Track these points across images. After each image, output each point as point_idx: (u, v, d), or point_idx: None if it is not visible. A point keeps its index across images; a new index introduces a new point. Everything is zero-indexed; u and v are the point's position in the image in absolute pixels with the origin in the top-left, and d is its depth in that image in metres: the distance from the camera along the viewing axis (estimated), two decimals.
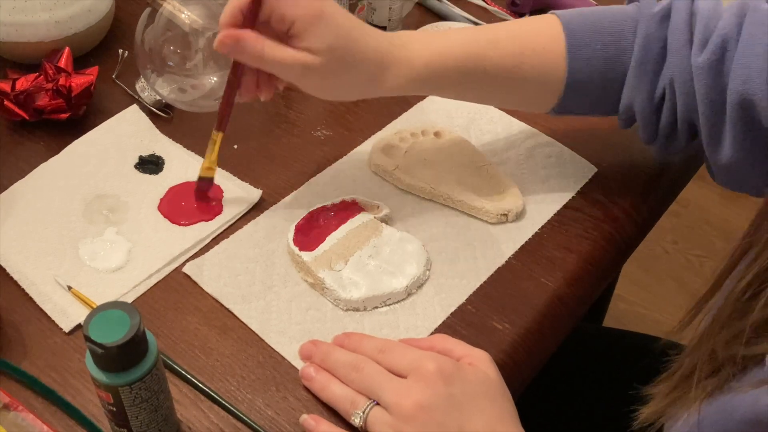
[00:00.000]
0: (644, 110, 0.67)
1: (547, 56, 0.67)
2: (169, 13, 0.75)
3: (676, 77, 0.64)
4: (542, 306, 0.67)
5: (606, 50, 0.66)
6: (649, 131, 0.69)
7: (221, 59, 0.77)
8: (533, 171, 0.77)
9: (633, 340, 0.96)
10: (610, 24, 0.67)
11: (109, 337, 0.47)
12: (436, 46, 0.65)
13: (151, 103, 0.81)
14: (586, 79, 0.67)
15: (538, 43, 0.67)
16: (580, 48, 0.67)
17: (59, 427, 0.58)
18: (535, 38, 0.67)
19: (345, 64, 0.62)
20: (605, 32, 0.67)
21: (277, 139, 0.80)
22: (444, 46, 0.66)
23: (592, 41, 0.67)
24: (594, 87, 0.68)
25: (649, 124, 0.68)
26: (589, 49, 0.67)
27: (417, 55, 0.65)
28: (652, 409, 0.57)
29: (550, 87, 0.68)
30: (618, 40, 0.66)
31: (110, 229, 0.70)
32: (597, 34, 0.67)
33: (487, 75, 0.67)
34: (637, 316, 1.68)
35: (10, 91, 0.77)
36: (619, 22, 0.67)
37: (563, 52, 0.67)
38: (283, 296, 0.66)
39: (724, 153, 0.64)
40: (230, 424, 0.58)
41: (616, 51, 0.66)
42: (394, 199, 0.74)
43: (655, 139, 0.69)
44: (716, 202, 1.84)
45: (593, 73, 0.67)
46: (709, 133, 0.64)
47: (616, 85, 0.68)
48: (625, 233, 0.74)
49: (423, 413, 0.54)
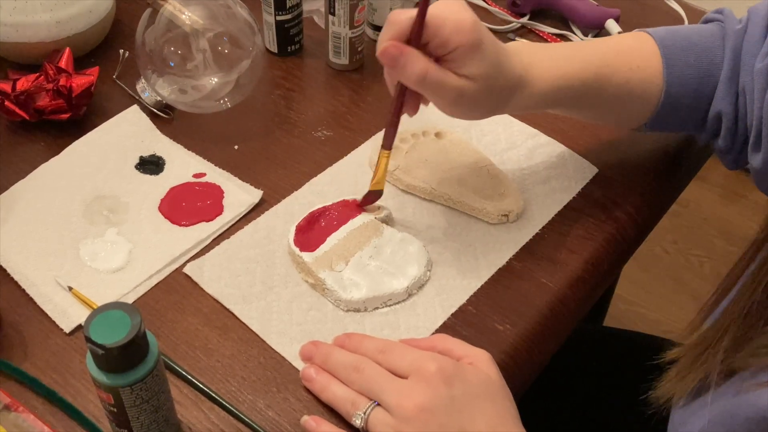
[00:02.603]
0: (729, 119, 0.68)
1: (648, 72, 0.69)
2: (170, 14, 0.75)
3: (746, 84, 0.66)
4: (543, 307, 0.67)
5: (699, 66, 0.68)
6: (728, 140, 0.70)
7: (222, 61, 0.77)
8: (534, 171, 0.77)
9: (633, 340, 0.96)
10: (700, 40, 0.69)
11: (110, 338, 0.47)
12: (560, 66, 0.66)
13: (151, 104, 0.81)
14: (680, 95, 0.69)
15: (640, 60, 0.69)
16: (675, 63, 0.68)
17: (60, 428, 0.58)
18: (637, 55, 0.69)
19: (493, 90, 0.62)
20: (697, 48, 0.69)
21: (278, 139, 0.80)
22: (566, 65, 0.67)
23: (685, 57, 0.68)
24: (687, 102, 0.69)
25: (730, 132, 0.69)
26: (683, 64, 0.68)
27: (542, 78, 0.66)
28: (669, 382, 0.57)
29: (649, 102, 0.70)
30: (710, 55, 0.68)
31: (111, 230, 0.70)
32: (689, 50, 0.69)
33: (602, 92, 0.68)
34: (637, 316, 1.68)
35: (10, 92, 0.77)
36: (707, 38, 0.69)
37: (660, 67, 0.68)
38: (284, 297, 0.66)
39: (757, 159, 0.65)
40: (231, 425, 0.58)
41: (708, 66, 0.68)
42: (394, 200, 0.74)
43: (732, 147, 0.70)
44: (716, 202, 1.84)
45: (687, 88, 0.69)
46: (754, 137, 0.66)
47: (706, 101, 0.69)
48: (626, 234, 0.74)
49: (424, 414, 0.54)
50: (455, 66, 0.60)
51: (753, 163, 0.66)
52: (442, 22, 0.59)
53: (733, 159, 0.71)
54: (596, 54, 0.68)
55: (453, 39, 0.59)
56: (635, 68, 0.68)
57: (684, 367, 0.57)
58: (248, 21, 0.78)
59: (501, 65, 0.62)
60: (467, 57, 0.60)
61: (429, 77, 0.60)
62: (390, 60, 0.60)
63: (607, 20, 0.93)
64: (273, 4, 0.85)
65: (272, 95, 0.85)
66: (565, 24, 0.96)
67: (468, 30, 0.59)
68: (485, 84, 0.61)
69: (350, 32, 0.85)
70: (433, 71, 0.60)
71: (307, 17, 0.91)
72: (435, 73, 0.60)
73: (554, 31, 0.95)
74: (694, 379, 0.56)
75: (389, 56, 0.60)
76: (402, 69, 0.60)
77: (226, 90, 0.79)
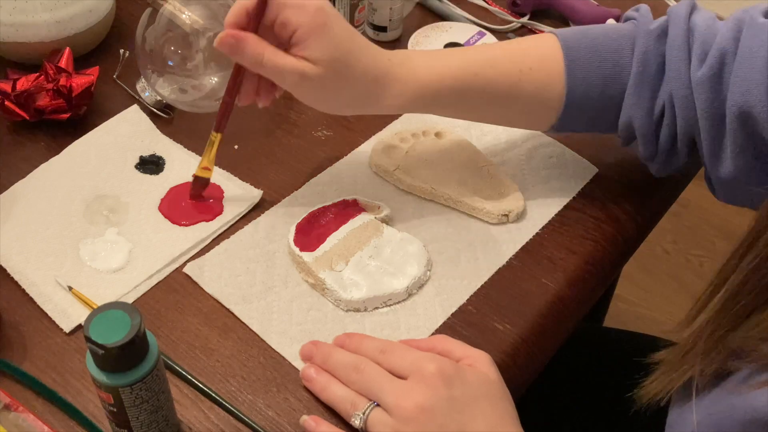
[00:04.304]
0: (643, 127, 0.67)
1: (545, 74, 0.67)
2: (170, 14, 0.75)
3: (675, 92, 0.64)
4: (543, 307, 0.67)
5: (604, 67, 0.67)
6: (649, 148, 0.68)
7: (222, 60, 0.77)
8: (534, 171, 0.77)
9: (633, 340, 0.96)
10: (607, 41, 0.67)
11: (110, 338, 0.47)
12: (434, 66, 0.66)
13: (151, 104, 0.81)
14: (585, 97, 0.67)
15: (535, 62, 0.67)
16: (577, 65, 0.67)
17: (60, 428, 0.58)
18: (533, 56, 0.68)
19: (343, 77, 0.62)
20: (603, 49, 0.67)
21: (278, 139, 0.80)
22: (442, 65, 0.66)
23: (589, 59, 0.67)
24: (593, 105, 0.68)
25: (649, 141, 0.68)
26: (586, 66, 0.67)
27: (415, 75, 0.65)
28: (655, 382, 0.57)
29: (549, 105, 0.69)
30: (616, 57, 0.67)
31: (111, 230, 0.70)
32: (595, 51, 0.67)
33: (485, 93, 0.67)
34: (637, 316, 1.68)
35: (10, 92, 0.77)
36: (616, 39, 0.67)
37: (561, 70, 0.67)
38: (284, 297, 0.66)
39: (724, 167, 0.64)
40: (231, 424, 0.58)
41: (614, 68, 0.67)
42: (394, 200, 0.74)
43: (656, 156, 0.69)
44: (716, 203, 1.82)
45: (592, 90, 0.67)
46: (710, 147, 0.64)
47: (614, 103, 0.68)
48: (626, 234, 0.74)
49: (423, 415, 0.54)
50: (297, 49, 0.61)
51: (719, 174, 0.65)
52: (284, 3, 0.60)
53: (659, 168, 0.70)
54: (483, 55, 0.67)
55: (292, 19, 0.60)
56: (526, 70, 0.67)
57: (669, 367, 0.57)
58: None
59: (354, 54, 0.62)
60: (308, 39, 0.60)
61: (266, 59, 0.60)
62: (228, 48, 0.61)
63: (608, 20, 0.93)
64: None
65: None
66: (566, 24, 0.96)
67: (311, 12, 0.60)
68: (332, 70, 0.61)
69: None
70: (270, 53, 0.61)
71: None
72: (270, 56, 0.61)
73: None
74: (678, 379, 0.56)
75: (226, 45, 0.61)
76: (240, 55, 0.61)
77: None
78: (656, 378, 0.57)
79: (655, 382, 0.57)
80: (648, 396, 0.57)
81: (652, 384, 0.57)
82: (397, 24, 0.92)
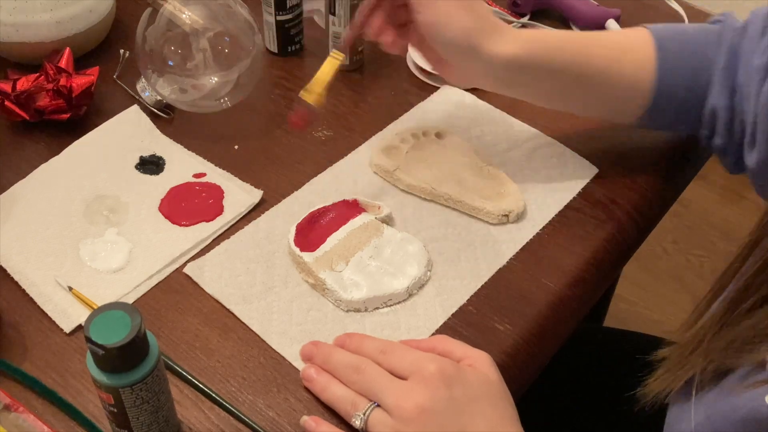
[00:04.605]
0: (725, 116, 0.68)
1: (639, 61, 0.69)
2: (170, 14, 0.75)
3: (743, 81, 0.66)
4: (543, 307, 0.66)
5: (693, 59, 0.68)
6: (725, 139, 0.69)
7: (222, 60, 0.77)
8: (534, 171, 0.77)
9: (633, 340, 0.96)
10: (696, 36, 0.69)
11: (110, 338, 0.47)
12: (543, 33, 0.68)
13: (151, 104, 0.81)
14: (674, 87, 0.69)
15: (630, 48, 0.69)
16: (669, 56, 0.68)
17: (60, 428, 0.58)
18: (627, 43, 0.70)
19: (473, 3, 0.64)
20: (692, 42, 0.69)
21: (278, 139, 0.80)
22: (552, 34, 0.68)
23: (680, 50, 0.69)
24: (681, 95, 0.69)
25: (728, 131, 0.69)
26: (677, 57, 0.69)
27: (522, 36, 0.67)
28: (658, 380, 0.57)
29: (640, 93, 0.70)
30: (704, 50, 0.68)
31: (111, 230, 0.70)
32: (685, 44, 0.69)
33: (583, 72, 0.68)
34: (638, 316, 1.68)
35: (10, 92, 0.77)
36: (705, 35, 0.69)
37: (653, 58, 0.68)
38: (284, 297, 0.66)
39: (752, 157, 0.65)
40: (231, 425, 0.58)
41: (702, 61, 0.68)
42: (395, 200, 0.74)
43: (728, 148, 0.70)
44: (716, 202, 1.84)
45: (681, 81, 0.69)
46: (749, 135, 0.66)
47: (700, 94, 0.69)
48: (627, 234, 0.74)
49: (424, 415, 0.54)
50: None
51: (748, 162, 0.66)
52: None
53: (733, 160, 0.71)
54: (586, 34, 0.69)
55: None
56: (626, 51, 0.69)
57: (672, 365, 0.57)
58: (248, 20, 0.78)
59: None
60: None
61: None
62: None
63: (608, 20, 0.93)
64: (273, 3, 0.85)
65: (272, 95, 0.85)
66: (566, 24, 0.96)
67: None
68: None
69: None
70: None
71: (307, 17, 0.91)
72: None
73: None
74: (681, 377, 0.56)
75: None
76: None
77: (226, 89, 0.79)
78: (659, 376, 0.58)
79: (659, 380, 0.57)
80: (651, 394, 0.57)
81: (655, 382, 0.58)
82: None
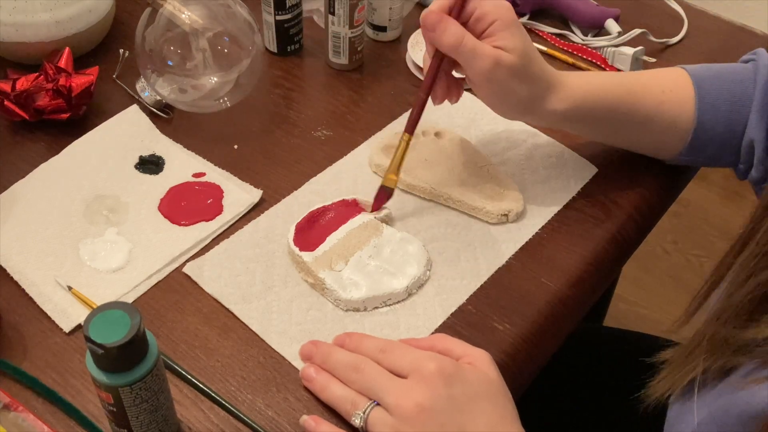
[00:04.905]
0: (761, 149, 0.69)
1: (680, 99, 0.71)
2: (170, 14, 0.75)
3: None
4: (543, 306, 0.66)
5: (730, 96, 0.70)
6: (761, 171, 0.71)
7: (222, 60, 0.77)
8: (534, 171, 0.77)
9: (633, 340, 0.96)
10: (732, 74, 0.71)
11: (110, 338, 0.47)
12: (592, 81, 0.70)
13: (151, 104, 0.81)
14: (713, 122, 0.70)
15: (671, 87, 0.71)
16: (707, 92, 0.70)
17: (59, 428, 0.58)
18: (668, 82, 0.72)
19: (527, 71, 0.66)
20: (728, 80, 0.71)
21: (278, 139, 0.80)
22: (598, 81, 0.70)
23: (717, 88, 0.71)
24: (719, 130, 0.71)
25: (762, 164, 0.70)
26: (715, 94, 0.70)
27: (576, 84, 0.69)
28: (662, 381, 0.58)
29: (680, 131, 0.71)
30: (741, 87, 0.70)
31: (111, 230, 0.70)
32: (721, 82, 0.71)
33: (632, 113, 0.71)
34: (637, 316, 1.68)
35: (10, 92, 0.77)
36: (740, 72, 0.71)
37: (692, 96, 0.70)
38: (284, 296, 0.66)
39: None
40: (231, 424, 0.58)
41: (740, 97, 0.70)
42: (394, 200, 0.74)
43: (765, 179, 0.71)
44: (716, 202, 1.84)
45: (719, 117, 0.70)
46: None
47: (738, 129, 0.70)
48: (626, 233, 0.74)
49: (423, 414, 0.54)
50: (491, 39, 0.65)
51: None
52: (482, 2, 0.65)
53: None
54: (631, 76, 0.71)
55: (491, 13, 0.64)
56: (668, 91, 0.71)
57: (675, 365, 0.57)
58: (248, 20, 0.78)
59: (535, 53, 0.67)
60: (504, 30, 0.64)
61: (465, 43, 0.64)
62: (430, 24, 0.64)
63: (607, 20, 0.93)
64: (273, 3, 0.85)
65: (272, 95, 0.85)
66: (565, 24, 0.96)
67: (506, 8, 0.65)
68: (522, 61, 0.65)
69: (350, 32, 0.85)
70: (469, 37, 0.64)
71: (307, 17, 0.91)
72: (471, 40, 0.64)
73: (554, 31, 0.95)
74: (684, 377, 0.56)
75: (430, 21, 0.64)
76: (441, 33, 0.64)
77: (226, 89, 0.79)
78: (663, 377, 0.58)
79: (662, 381, 0.58)
80: (655, 395, 0.58)
81: (659, 383, 0.58)
82: (396, 24, 0.92)
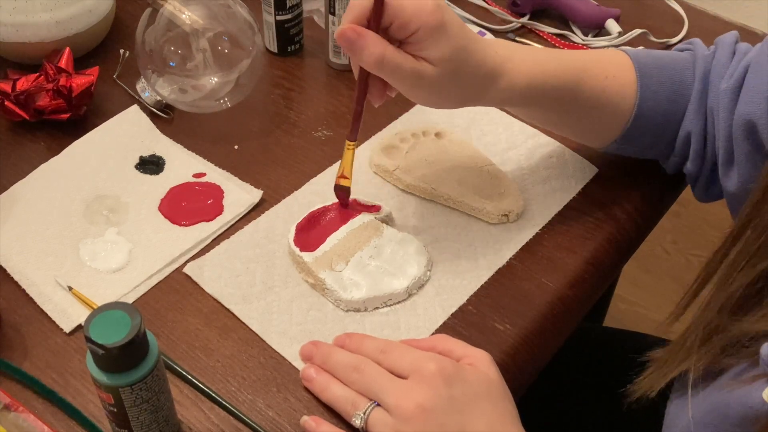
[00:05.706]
0: (697, 142, 0.69)
1: (623, 83, 0.69)
2: (170, 14, 0.75)
3: (713, 105, 0.67)
4: (543, 307, 0.66)
5: (671, 84, 0.69)
6: (696, 165, 0.70)
7: (222, 60, 0.77)
8: (534, 171, 0.77)
9: (633, 340, 0.96)
10: (671, 61, 0.70)
11: (110, 338, 0.47)
12: (538, 63, 0.66)
13: (151, 104, 0.81)
14: (652, 111, 0.69)
15: (615, 70, 0.69)
16: (649, 79, 0.69)
17: (60, 428, 0.58)
18: (612, 65, 0.69)
19: (457, 75, 0.61)
20: (668, 68, 0.70)
21: (278, 139, 0.80)
22: (545, 63, 0.66)
23: (658, 74, 0.69)
24: (657, 120, 0.70)
25: (699, 157, 0.70)
26: (656, 81, 0.69)
27: (519, 71, 0.65)
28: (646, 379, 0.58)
29: (620, 115, 0.70)
30: (681, 76, 0.69)
31: (111, 230, 0.70)
32: (661, 68, 0.69)
33: (579, 96, 0.68)
34: (638, 316, 1.68)
35: (10, 92, 0.77)
36: (679, 61, 0.70)
37: (634, 80, 0.69)
38: (284, 297, 0.66)
39: (731, 180, 0.65)
40: (231, 424, 0.58)
41: (680, 85, 0.69)
42: (394, 200, 0.74)
43: (700, 176, 0.71)
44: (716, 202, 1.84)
45: (658, 105, 0.69)
46: (723, 157, 0.66)
47: (675, 120, 0.70)
48: (626, 233, 0.74)
49: (424, 414, 0.54)
50: (416, 48, 0.59)
51: (727, 186, 0.66)
52: (402, 4, 0.58)
53: (703, 187, 0.72)
54: (575, 58, 0.68)
55: (413, 21, 0.58)
56: (611, 77, 0.68)
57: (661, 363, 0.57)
58: (248, 21, 0.78)
59: (468, 51, 0.61)
60: (428, 39, 0.59)
61: (386, 60, 0.58)
62: (347, 43, 0.59)
63: (607, 20, 0.93)
64: (273, 3, 0.85)
65: (272, 95, 0.85)
66: (565, 24, 0.96)
67: (429, 11, 0.58)
68: (448, 68, 0.60)
69: None
70: (390, 53, 0.58)
71: (307, 17, 0.91)
72: (392, 55, 0.58)
73: (554, 31, 0.95)
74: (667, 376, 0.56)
75: (346, 39, 0.58)
76: (360, 52, 0.58)
77: (226, 90, 0.79)
78: (647, 375, 0.58)
79: (647, 378, 0.58)
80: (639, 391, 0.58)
81: (644, 380, 0.58)
82: None
